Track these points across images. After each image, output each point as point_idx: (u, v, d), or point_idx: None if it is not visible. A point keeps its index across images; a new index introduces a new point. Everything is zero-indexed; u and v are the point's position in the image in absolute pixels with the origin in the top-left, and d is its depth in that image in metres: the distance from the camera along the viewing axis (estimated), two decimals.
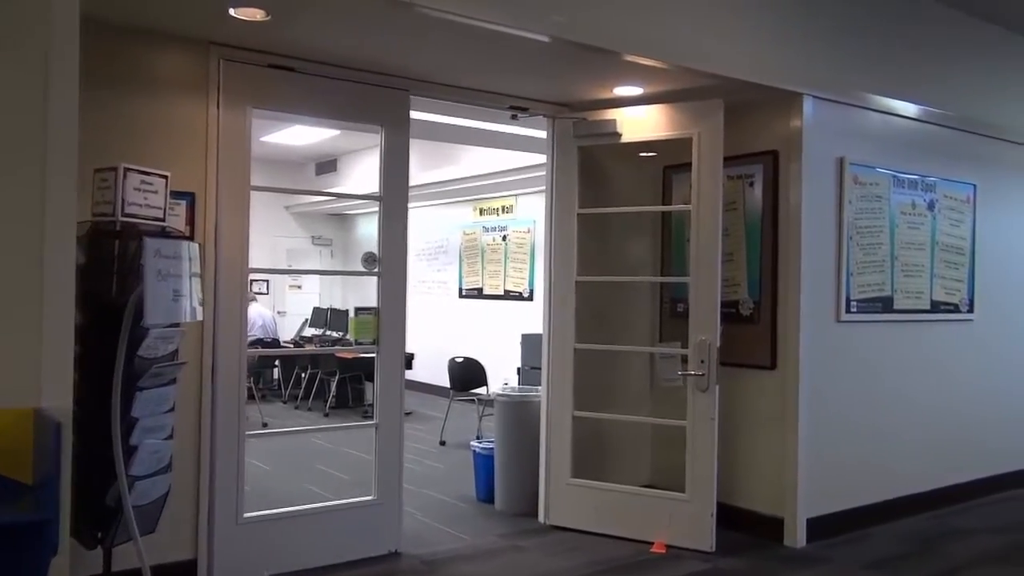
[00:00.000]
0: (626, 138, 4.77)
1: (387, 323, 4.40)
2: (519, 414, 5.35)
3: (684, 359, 4.69)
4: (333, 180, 11.81)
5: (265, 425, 8.49)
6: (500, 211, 10.29)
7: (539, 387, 5.18)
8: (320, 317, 11.09)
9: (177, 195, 3.74)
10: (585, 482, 4.87)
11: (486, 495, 5.53)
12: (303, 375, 10.02)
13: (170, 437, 3.36)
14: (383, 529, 4.41)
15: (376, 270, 4.40)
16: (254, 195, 4.04)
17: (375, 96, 4.34)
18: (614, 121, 4.75)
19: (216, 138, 3.87)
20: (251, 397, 9.23)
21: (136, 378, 3.14)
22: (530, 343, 7.33)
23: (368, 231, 12.53)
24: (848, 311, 4.91)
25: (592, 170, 5.11)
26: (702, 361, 4.51)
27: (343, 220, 13.36)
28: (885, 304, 5.14)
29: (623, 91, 4.68)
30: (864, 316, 5.01)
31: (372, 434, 4.43)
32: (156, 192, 3.30)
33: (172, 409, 3.35)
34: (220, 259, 3.89)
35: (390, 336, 4.41)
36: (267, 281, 12.51)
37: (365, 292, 12.84)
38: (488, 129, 5.97)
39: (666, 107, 4.67)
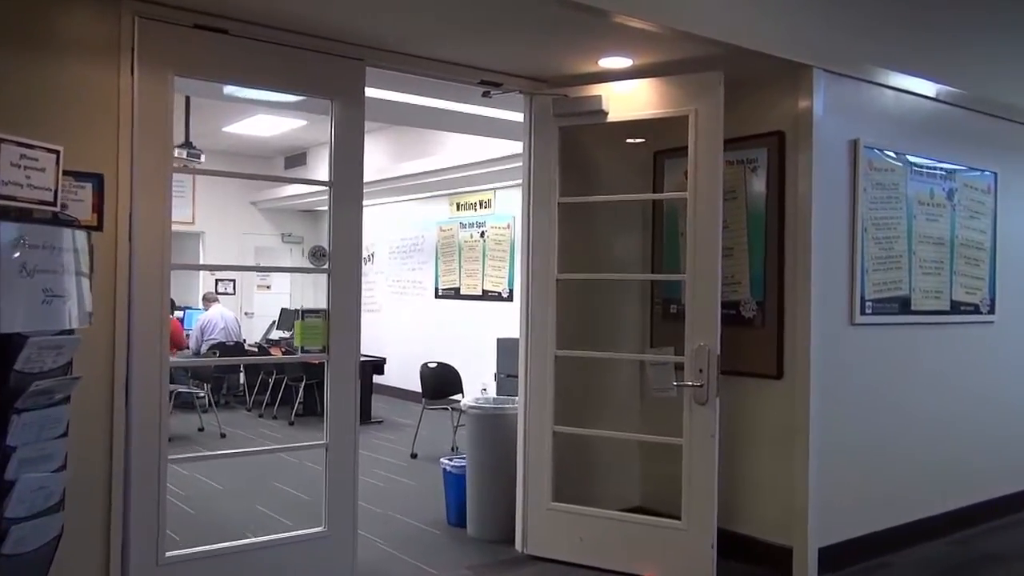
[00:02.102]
0: (613, 116, 4.21)
1: (338, 327, 3.82)
2: (493, 428, 4.78)
3: (678, 367, 4.14)
4: (303, 174, 11.21)
5: (223, 436, 7.89)
6: (478, 206, 9.71)
7: (516, 397, 4.61)
8: (288, 319, 10.45)
9: (81, 176, 3.18)
10: (567, 507, 4.30)
11: (457, 519, 4.96)
12: (269, 380, 9.42)
13: (62, 468, 2.77)
14: (334, 565, 3.82)
15: (325, 266, 3.82)
16: (221, 191, 3.49)
17: (324, 65, 3.75)
18: (599, 98, 4.19)
19: (131, 110, 3.27)
20: (213, 404, 8.66)
21: (13, 397, 2.56)
22: (506, 348, 6.76)
23: None
24: (863, 312, 4.37)
25: (575, 155, 4.55)
26: (701, 370, 3.95)
27: (315, 216, 12.73)
28: (902, 305, 4.60)
29: (610, 63, 4.12)
30: (880, 318, 4.47)
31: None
32: (43, 170, 2.72)
33: (64, 434, 2.76)
34: (136, 253, 3.29)
35: (342, 342, 3.83)
36: (233, 281, 11.89)
37: None
38: (460, 111, 5.38)
39: (659, 81, 4.11)
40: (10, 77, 3.05)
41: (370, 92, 4.03)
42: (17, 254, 2.36)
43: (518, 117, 4.67)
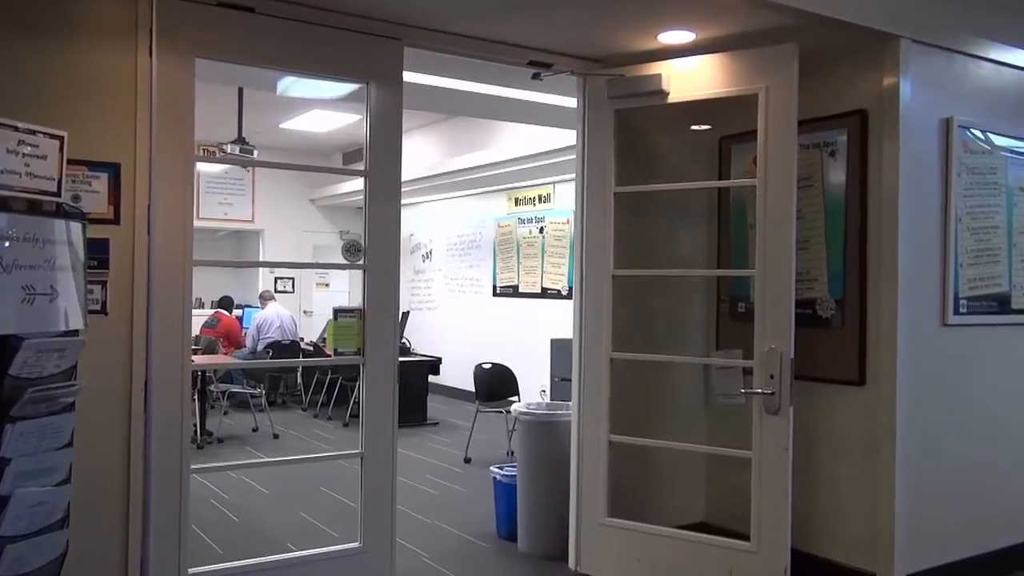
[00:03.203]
0: (674, 97, 3.84)
1: (374, 327, 3.55)
2: (546, 435, 4.46)
3: (747, 371, 3.76)
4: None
5: (276, 437, 7.75)
6: (536, 201, 9.39)
7: (571, 403, 4.28)
8: None
9: (96, 166, 2.98)
10: (623, 523, 3.96)
11: (508, 532, 4.66)
12: (325, 379, 9.29)
13: (66, 481, 2.56)
14: None
15: (360, 262, 3.56)
16: (280, 189, 3.27)
17: (359, 45, 3.49)
18: (659, 76, 3.83)
19: (149, 95, 3.05)
20: (266, 405, 8.57)
21: (7, 406, 2.35)
22: (561, 350, 6.42)
23: (402, 224, 11.75)
24: (957, 312, 3.91)
25: (632, 142, 4.20)
26: (772, 376, 3.56)
27: None
28: (1001, 303, 4.13)
29: (670, 38, 3.76)
30: (976, 318, 4.01)
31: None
32: (45, 158, 2.50)
33: (68, 445, 2.55)
34: (155, 248, 3.07)
35: (378, 343, 3.56)
36: (292, 279, 11.82)
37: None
38: (510, 97, 5.06)
39: (724, 56, 3.73)
40: (20, 61, 2.86)
41: (410, 76, 3.77)
42: (7, 244, 2.13)
43: (572, 102, 4.34)
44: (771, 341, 3.57)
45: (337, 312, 3.60)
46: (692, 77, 3.80)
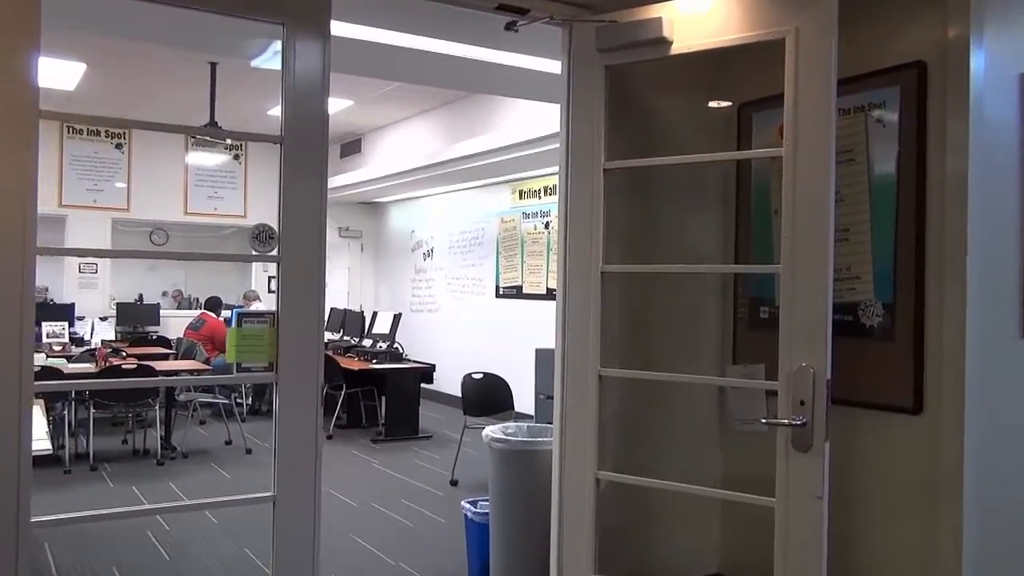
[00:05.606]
0: (678, 47, 3.05)
1: (291, 336, 2.80)
2: (523, 468, 3.70)
3: (771, 393, 2.96)
4: (358, 161, 10.37)
5: (248, 452, 7.05)
6: (542, 193, 8.62)
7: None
8: (336, 320, 9.61)
9: None
10: None
11: None
12: None
13: None
14: None
15: (272, 252, 2.81)
16: (274, 182, 2.61)
17: None
18: (659, 21, 3.04)
19: None
20: (256, 412, 7.92)
21: None
22: (547, 362, 5.64)
23: (403, 220, 11.05)
24: None
25: (629, 109, 3.43)
26: (802, 402, 2.76)
27: (373, 208, 11.89)
28: None
29: None
30: None
31: (362, 472, 2.86)
32: None
33: None
34: None
35: (297, 357, 2.81)
36: None
37: (396, 288, 11.41)
38: (482, 59, 4.22)
39: None
40: None
41: (349, 29, 3.02)
42: None
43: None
44: (801, 357, 2.77)
45: (241, 317, 2.84)
46: (701, 21, 3.01)
